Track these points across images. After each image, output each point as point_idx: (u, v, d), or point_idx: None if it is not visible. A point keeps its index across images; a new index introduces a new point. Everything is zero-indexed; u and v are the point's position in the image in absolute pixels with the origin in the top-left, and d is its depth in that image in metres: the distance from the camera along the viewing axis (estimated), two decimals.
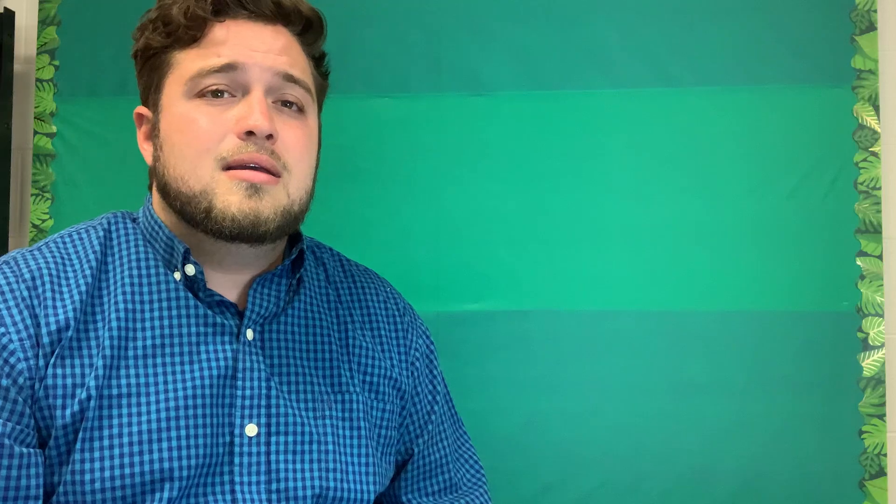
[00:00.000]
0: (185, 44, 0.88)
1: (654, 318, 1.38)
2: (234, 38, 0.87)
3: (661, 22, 1.41)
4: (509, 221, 1.41)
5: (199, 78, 0.86)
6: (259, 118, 0.85)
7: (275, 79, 0.88)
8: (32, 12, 1.51)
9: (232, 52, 0.86)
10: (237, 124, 0.86)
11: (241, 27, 0.88)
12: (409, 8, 1.44)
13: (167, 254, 0.90)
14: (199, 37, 0.87)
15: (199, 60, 0.87)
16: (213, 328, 0.89)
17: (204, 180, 0.85)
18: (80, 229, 0.93)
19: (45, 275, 0.87)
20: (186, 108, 0.87)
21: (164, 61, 0.89)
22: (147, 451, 0.84)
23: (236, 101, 0.87)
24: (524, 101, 1.42)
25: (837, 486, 1.34)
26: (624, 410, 1.37)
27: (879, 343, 1.35)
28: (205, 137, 0.85)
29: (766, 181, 1.38)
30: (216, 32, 0.87)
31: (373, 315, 1.02)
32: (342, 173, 1.41)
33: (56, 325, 0.84)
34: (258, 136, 0.85)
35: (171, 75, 0.88)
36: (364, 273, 1.07)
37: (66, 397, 0.83)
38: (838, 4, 1.38)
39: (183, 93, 0.87)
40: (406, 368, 1.02)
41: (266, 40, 0.88)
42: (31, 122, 1.49)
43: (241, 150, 0.85)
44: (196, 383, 0.87)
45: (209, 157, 0.85)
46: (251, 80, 0.87)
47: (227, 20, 0.88)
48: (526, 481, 1.38)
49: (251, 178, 0.85)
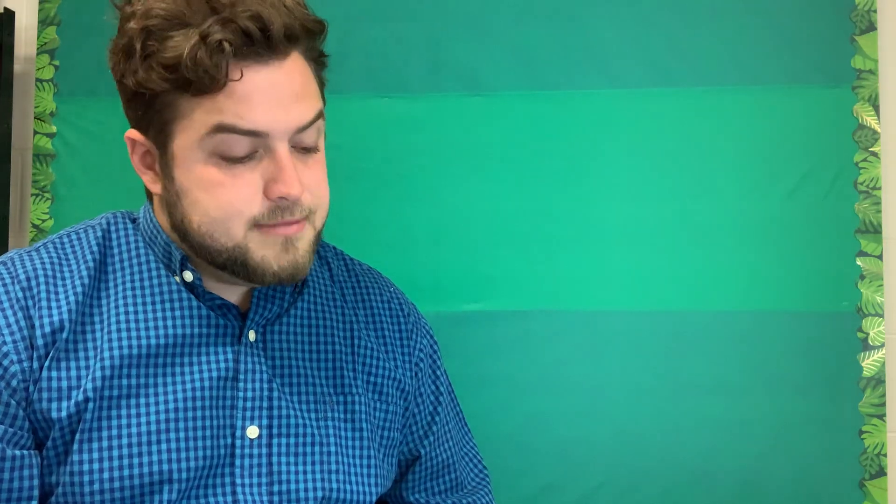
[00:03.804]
0: (195, 92, 0.80)
1: (654, 318, 1.38)
2: (253, 93, 0.81)
3: (661, 22, 1.41)
4: (509, 221, 1.41)
5: (217, 135, 0.81)
6: (293, 185, 0.82)
7: (295, 134, 0.84)
8: (32, 12, 1.51)
9: (255, 116, 0.81)
10: (269, 188, 0.83)
11: (255, 75, 0.81)
12: (409, 8, 1.44)
13: (166, 258, 0.90)
14: (213, 88, 0.80)
15: (216, 115, 0.81)
16: (216, 330, 0.89)
17: (236, 239, 0.84)
18: (79, 229, 0.93)
19: (40, 276, 0.87)
20: (208, 169, 0.82)
21: (167, 104, 0.82)
22: (146, 453, 0.84)
23: (258, 156, 0.83)
24: (524, 101, 1.42)
25: (837, 486, 1.34)
26: (624, 410, 1.37)
27: (879, 343, 1.35)
28: (236, 202, 0.83)
29: (766, 181, 1.38)
30: (232, 84, 0.80)
31: (377, 315, 1.02)
32: (342, 173, 1.40)
33: (50, 326, 0.84)
34: (290, 200, 0.84)
35: (180, 122, 0.82)
36: (368, 272, 1.07)
37: (62, 399, 0.83)
38: (838, 4, 1.38)
39: (199, 146, 0.82)
40: (410, 369, 1.02)
41: (283, 88, 0.82)
42: (31, 122, 1.49)
43: (274, 214, 0.84)
44: (196, 385, 0.87)
45: (240, 220, 0.83)
46: (275, 140, 0.82)
47: (239, 64, 0.80)
48: (526, 481, 1.38)
49: (285, 233, 0.85)
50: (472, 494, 1.08)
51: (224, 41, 0.78)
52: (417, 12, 1.43)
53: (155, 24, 0.80)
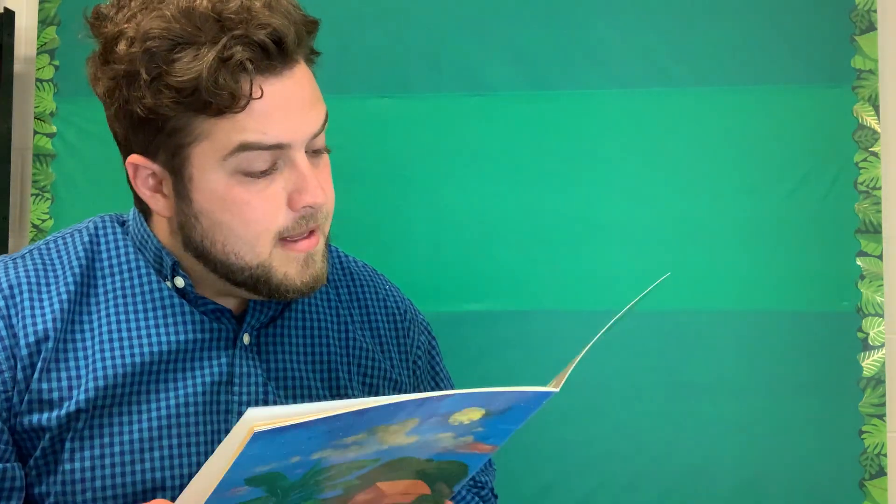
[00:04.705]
0: (214, 113, 0.77)
1: (654, 318, 1.38)
2: (271, 108, 0.79)
3: (661, 22, 1.41)
4: (509, 221, 1.41)
5: (240, 153, 0.79)
6: (318, 194, 0.82)
7: (310, 140, 0.83)
8: (32, 12, 1.51)
9: (277, 129, 0.79)
10: (293, 200, 0.82)
11: (271, 88, 0.79)
12: (409, 8, 1.44)
13: (157, 263, 0.89)
14: (234, 107, 0.77)
15: (238, 134, 0.78)
16: (209, 335, 0.88)
17: (262, 256, 0.83)
18: (66, 234, 0.91)
19: (23, 284, 0.85)
20: (232, 189, 0.81)
21: (180, 127, 0.79)
22: (139, 461, 0.83)
23: (278, 168, 0.82)
24: (524, 101, 1.42)
25: (837, 486, 1.34)
26: (624, 410, 1.37)
27: (879, 343, 1.35)
28: (261, 218, 0.82)
29: (766, 181, 1.38)
30: (252, 102, 0.78)
31: (372, 314, 1.02)
32: (342, 173, 1.39)
33: (35, 336, 0.83)
34: (315, 208, 0.83)
35: (198, 145, 0.79)
36: (363, 270, 1.05)
37: (53, 409, 0.82)
38: (838, 4, 1.38)
39: (220, 166, 0.80)
40: (407, 368, 1.02)
41: (297, 97, 0.81)
42: (31, 122, 1.49)
43: (299, 225, 0.83)
44: (190, 391, 0.86)
45: (267, 236, 0.82)
46: (294, 150, 0.81)
47: (258, 80, 0.78)
48: (526, 481, 1.38)
49: (306, 249, 0.84)
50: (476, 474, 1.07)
51: (246, 61, 0.76)
52: (417, 12, 1.43)
53: (157, 46, 0.76)
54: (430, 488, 0.75)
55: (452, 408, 0.65)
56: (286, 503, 0.67)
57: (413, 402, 0.62)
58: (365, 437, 0.64)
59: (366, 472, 0.68)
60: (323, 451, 0.63)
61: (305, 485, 0.66)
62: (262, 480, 0.63)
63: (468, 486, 1.05)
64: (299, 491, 0.66)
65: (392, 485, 0.72)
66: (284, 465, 0.62)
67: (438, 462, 0.71)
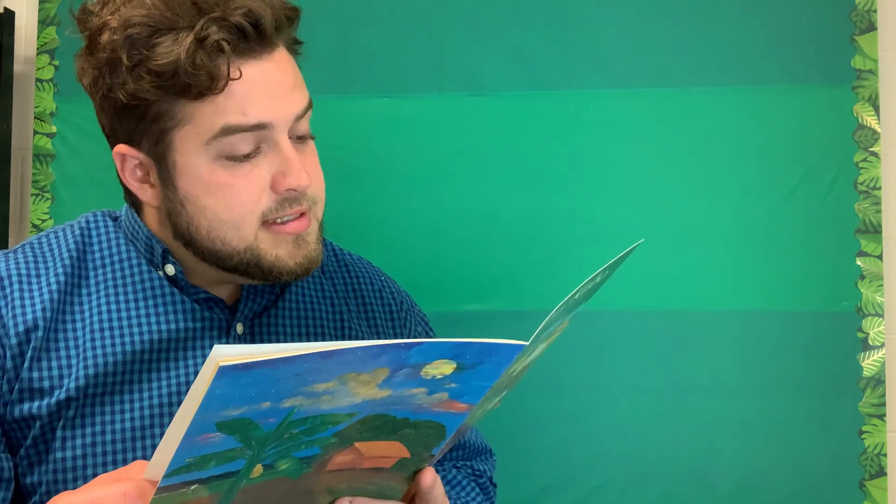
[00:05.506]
0: (194, 96, 0.79)
1: (654, 318, 1.38)
2: (252, 89, 0.80)
3: (661, 22, 1.41)
4: (509, 221, 1.41)
5: (223, 137, 0.80)
6: (301, 177, 0.82)
7: (293, 123, 0.84)
8: (32, 12, 1.51)
9: (258, 109, 0.80)
10: (277, 183, 0.83)
11: (251, 70, 0.80)
12: (409, 8, 1.44)
13: (148, 252, 0.89)
14: (213, 90, 0.79)
15: (219, 117, 0.79)
16: (202, 323, 0.88)
17: (248, 240, 0.83)
18: (58, 229, 0.92)
19: (13, 275, 0.86)
20: (215, 173, 0.82)
21: (162, 113, 0.80)
22: (130, 449, 0.83)
23: (262, 151, 0.82)
24: (524, 101, 1.42)
25: (837, 486, 1.34)
26: (624, 410, 1.37)
27: (879, 343, 1.35)
28: (246, 201, 0.82)
29: (766, 181, 1.38)
30: (231, 84, 0.79)
31: (368, 305, 1.01)
32: (342, 173, 1.40)
33: (24, 325, 0.83)
34: (299, 191, 0.84)
35: (180, 130, 0.81)
36: (358, 262, 1.05)
37: (44, 396, 0.82)
38: (838, 4, 1.38)
39: (203, 150, 0.81)
40: None
41: (277, 78, 0.82)
42: (31, 122, 1.49)
43: (283, 207, 0.83)
44: (182, 380, 0.85)
45: (251, 219, 0.83)
46: (277, 132, 0.82)
47: (236, 62, 0.79)
48: (526, 481, 1.38)
49: (295, 230, 0.85)
50: (474, 457, 1.07)
51: (222, 41, 0.77)
52: (417, 12, 1.44)
53: (138, 33, 0.78)
54: (409, 452, 0.74)
55: (422, 359, 0.64)
56: (262, 458, 0.66)
57: (378, 347, 0.61)
58: (336, 385, 0.63)
59: (342, 427, 0.67)
60: (294, 398, 0.62)
61: (280, 438, 0.65)
62: (234, 427, 0.61)
63: (467, 473, 1.05)
64: (274, 445, 0.65)
65: (371, 446, 0.71)
66: (255, 410, 0.61)
67: (415, 421, 0.71)
